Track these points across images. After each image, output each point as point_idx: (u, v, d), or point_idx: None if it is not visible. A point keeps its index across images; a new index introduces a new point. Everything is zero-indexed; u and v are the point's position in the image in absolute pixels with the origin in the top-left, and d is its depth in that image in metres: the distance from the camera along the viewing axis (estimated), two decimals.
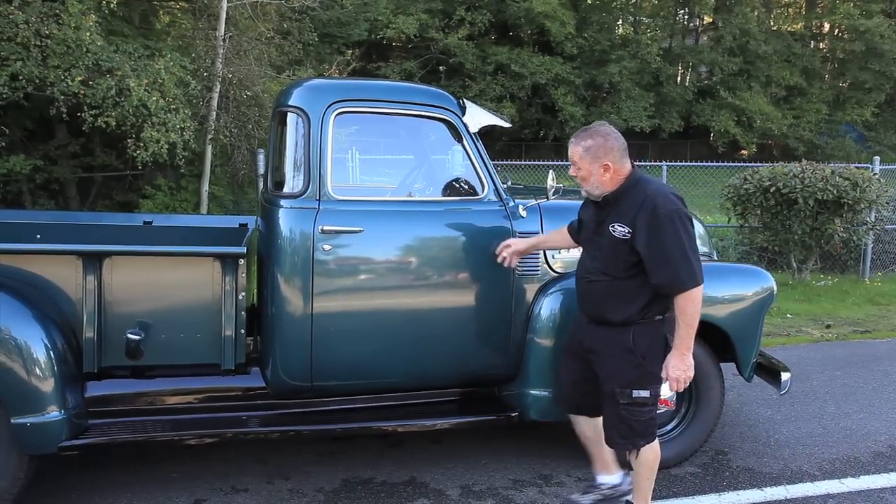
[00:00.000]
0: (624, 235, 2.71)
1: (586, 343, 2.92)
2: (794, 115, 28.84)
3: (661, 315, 2.79)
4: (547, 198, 3.47)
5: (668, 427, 3.68)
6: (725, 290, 3.67)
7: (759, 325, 3.74)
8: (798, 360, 5.48)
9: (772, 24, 32.06)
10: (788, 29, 31.85)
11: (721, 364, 3.71)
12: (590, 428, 3.11)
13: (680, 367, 2.73)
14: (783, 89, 29.25)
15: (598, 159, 2.74)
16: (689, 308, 2.69)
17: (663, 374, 2.77)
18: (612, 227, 2.73)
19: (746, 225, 8.39)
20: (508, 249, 3.22)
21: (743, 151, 29.06)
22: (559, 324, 3.38)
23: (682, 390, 2.82)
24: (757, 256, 8.83)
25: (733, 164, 10.51)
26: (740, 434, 4.17)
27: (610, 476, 3.19)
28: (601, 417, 2.98)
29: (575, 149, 2.79)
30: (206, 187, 10.70)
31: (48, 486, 3.33)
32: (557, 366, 3.17)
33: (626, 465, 3.06)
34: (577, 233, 3.07)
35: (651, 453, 2.93)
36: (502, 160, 11.92)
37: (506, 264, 3.23)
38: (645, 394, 2.79)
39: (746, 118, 27.95)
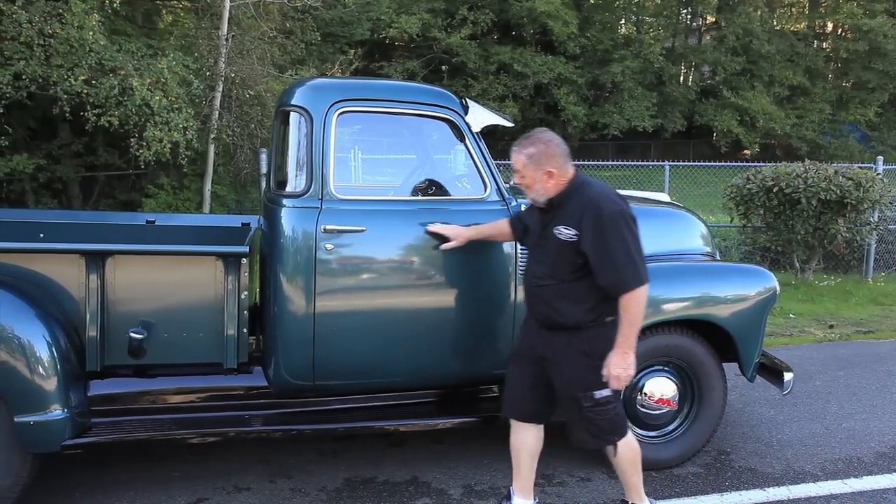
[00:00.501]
0: (570, 238, 2.74)
1: (539, 349, 2.92)
2: (798, 115, 28.77)
3: (612, 316, 2.79)
4: None
5: (671, 427, 3.68)
6: (728, 290, 3.67)
7: (762, 325, 3.74)
8: (801, 361, 5.48)
9: (775, 23, 31.99)
10: (791, 28, 31.77)
11: (724, 364, 3.71)
12: (534, 438, 3.05)
13: (621, 364, 2.73)
14: (786, 89, 29.18)
15: (541, 166, 2.77)
16: (633, 307, 2.71)
17: (604, 372, 2.76)
18: (558, 229, 2.76)
19: (749, 225, 8.38)
20: (455, 242, 3.21)
21: (746, 151, 29.01)
22: None
23: (622, 388, 2.81)
24: (760, 256, 8.82)
25: (736, 163, 10.49)
26: (743, 434, 4.17)
27: (525, 500, 3.09)
28: (543, 427, 3.01)
29: (518, 157, 2.82)
30: (208, 186, 10.71)
31: (51, 485, 3.34)
32: (508, 372, 3.12)
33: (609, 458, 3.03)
34: (520, 233, 3.10)
35: (629, 450, 2.94)
36: (504, 160, 11.93)
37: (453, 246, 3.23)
38: (607, 393, 2.80)
39: (749, 118, 27.89)
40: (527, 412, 3.03)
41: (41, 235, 3.73)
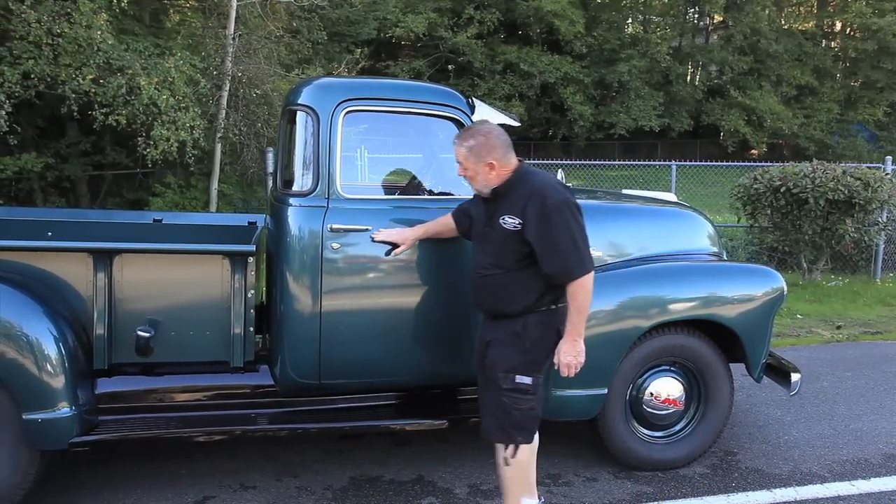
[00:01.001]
0: (514, 227, 2.72)
1: (485, 338, 2.91)
2: (805, 115, 28.66)
3: (554, 304, 2.78)
4: None
5: (677, 427, 3.67)
6: (735, 290, 3.65)
7: (769, 325, 3.72)
8: (808, 361, 5.45)
9: (783, 22, 31.86)
10: (800, 28, 31.64)
11: (730, 364, 3.69)
12: None
13: (571, 352, 2.73)
14: (794, 88, 29.07)
15: (482, 158, 2.76)
16: (580, 295, 2.71)
17: (555, 360, 2.76)
18: (503, 219, 2.74)
19: (756, 225, 8.35)
20: (403, 246, 3.16)
21: (753, 151, 28.92)
22: None
23: (572, 376, 2.78)
24: (767, 256, 8.78)
25: (743, 163, 10.46)
26: (750, 435, 4.16)
27: (529, 500, 3.00)
28: None
29: (459, 150, 2.82)
30: (215, 185, 10.73)
31: (59, 483, 3.35)
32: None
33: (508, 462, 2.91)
34: (465, 227, 3.07)
35: (528, 454, 2.86)
36: None
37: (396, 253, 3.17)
38: (528, 380, 2.76)
39: (757, 117, 27.81)
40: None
41: (49, 234, 3.74)
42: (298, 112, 3.28)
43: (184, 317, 3.19)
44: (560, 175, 3.50)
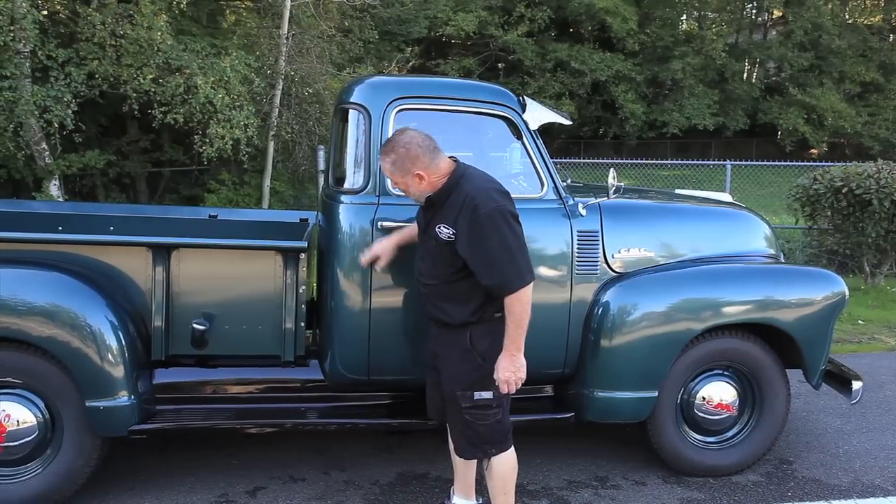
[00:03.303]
0: (448, 237, 2.59)
1: (432, 346, 2.84)
2: (870, 113, 27.58)
3: (499, 313, 2.64)
4: (608, 196, 3.42)
5: (730, 433, 3.59)
6: (793, 293, 3.54)
7: (829, 330, 3.60)
8: (870, 369, 5.24)
9: (847, 17, 30.70)
10: (865, 22, 30.43)
11: (788, 370, 3.59)
12: None
13: (510, 368, 2.60)
14: (858, 85, 28.00)
15: (407, 171, 2.63)
16: (517, 307, 2.56)
17: (495, 376, 2.62)
18: (438, 228, 2.62)
19: (815, 227, 8.10)
20: (384, 259, 3.04)
21: (813, 150, 27.97)
22: (618, 324, 3.33)
23: (513, 392, 2.65)
24: (826, 259, 8.49)
25: (802, 163, 10.15)
26: (807, 443, 4.03)
27: (465, 501, 3.03)
28: None
29: (384, 166, 2.70)
30: (267, 182, 10.95)
31: (119, 468, 3.47)
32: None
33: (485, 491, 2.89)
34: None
35: (506, 465, 2.78)
36: (561, 158, 11.81)
37: (378, 265, 3.08)
38: (487, 395, 2.65)
39: (817, 116, 26.89)
40: (443, 414, 2.90)
41: (111, 228, 3.87)
42: (351, 110, 3.31)
43: (237, 311, 3.26)
44: (612, 174, 3.45)
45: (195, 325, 3.15)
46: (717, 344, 3.47)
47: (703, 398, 3.52)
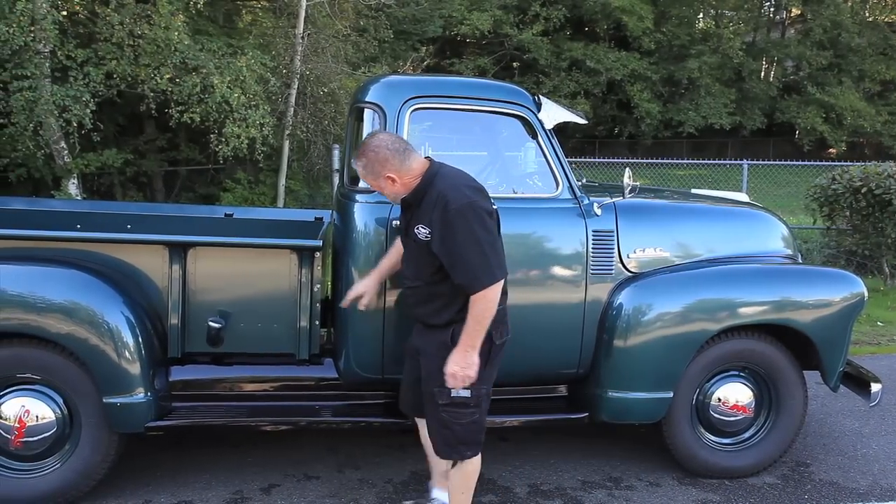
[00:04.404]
0: (425, 237, 2.58)
1: (414, 342, 2.83)
2: (890, 112, 27.20)
3: None
4: (623, 196, 3.40)
5: (746, 434, 3.57)
6: (810, 294, 3.51)
7: (847, 332, 3.57)
8: (890, 371, 5.18)
9: (867, 14, 30.31)
10: (886, 20, 30.02)
11: (805, 372, 3.55)
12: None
13: (460, 362, 2.56)
14: (878, 84, 27.64)
15: (379, 174, 2.63)
16: (479, 304, 2.52)
17: (445, 367, 2.58)
18: (417, 228, 2.61)
19: (833, 227, 8.02)
20: (364, 298, 3.04)
21: (831, 150, 27.64)
22: (633, 324, 3.31)
23: (459, 387, 2.60)
24: (845, 260, 8.40)
25: (820, 163, 10.05)
26: (824, 446, 3.99)
27: (444, 493, 3.03)
28: None
29: (357, 171, 2.72)
30: (283, 181, 11.00)
31: (135, 464, 3.51)
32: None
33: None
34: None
35: (472, 465, 2.77)
36: (576, 157, 11.75)
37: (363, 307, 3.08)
38: (465, 394, 2.62)
39: (836, 115, 26.56)
40: (415, 407, 2.91)
41: (128, 227, 3.91)
42: (366, 109, 3.32)
43: (252, 309, 3.28)
44: (627, 174, 3.43)
45: (211, 323, 3.17)
46: (734, 345, 3.45)
47: (719, 399, 3.49)
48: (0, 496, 3.05)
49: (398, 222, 2.86)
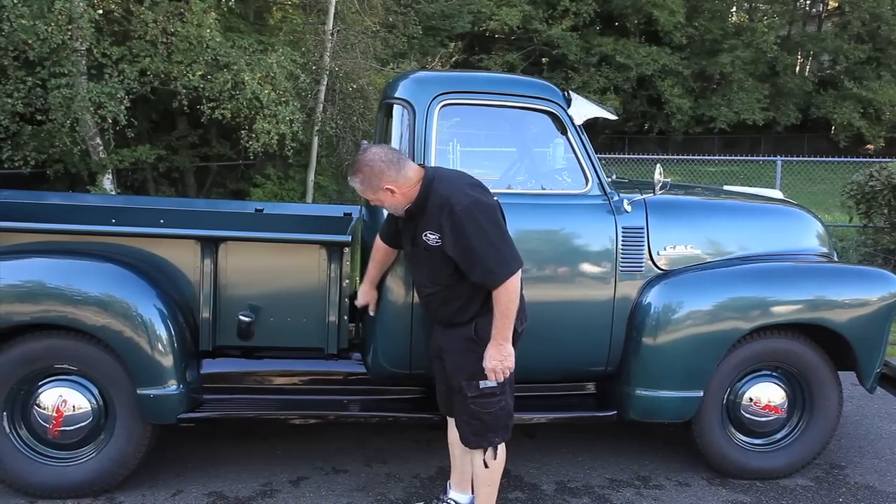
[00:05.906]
0: (436, 242, 2.62)
1: (436, 342, 2.85)
2: None
3: None
4: (654, 192, 3.36)
5: (779, 435, 3.51)
6: (846, 293, 3.44)
7: (885, 332, 3.49)
8: None
9: None
10: None
11: (840, 373, 3.48)
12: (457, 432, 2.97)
13: (497, 356, 2.62)
14: None
15: (378, 188, 2.65)
16: (502, 297, 2.57)
17: (483, 364, 2.64)
18: (425, 235, 2.64)
19: (871, 225, 7.83)
20: (370, 308, 3.17)
21: (869, 146, 27.02)
22: (662, 322, 3.28)
23: (501, 380, 2.67)
24: (882, 259, 8.20)
25: (857, 159, 9.83)
26: (860, 448, 3.90)
27: (462, 495, 3.07)
28: None
29: (356, 188, 2.73)
30: (312, 177, 11.09)
31: (167, 454, 3.57)
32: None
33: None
34: (392, 238, 2.96)
35: (500, 455, 2.80)
36: (605, 153, 11.65)
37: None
38: (492, 384, 2.67)
39: (874, 110, 25.97)
40: (448, 408, 2.95)
41: (161, 221, 3.97)
42: (395, 105, 3.33)
43: (282, 303, 3.32)
44: (658, 170, 3.39)
45: (241, 317, 3.21)
46: (766, 344, 3.39)
47: (751, 399, 3.44)
48: (38, 484, 3.14)
49: (400, 229, 2.87)
